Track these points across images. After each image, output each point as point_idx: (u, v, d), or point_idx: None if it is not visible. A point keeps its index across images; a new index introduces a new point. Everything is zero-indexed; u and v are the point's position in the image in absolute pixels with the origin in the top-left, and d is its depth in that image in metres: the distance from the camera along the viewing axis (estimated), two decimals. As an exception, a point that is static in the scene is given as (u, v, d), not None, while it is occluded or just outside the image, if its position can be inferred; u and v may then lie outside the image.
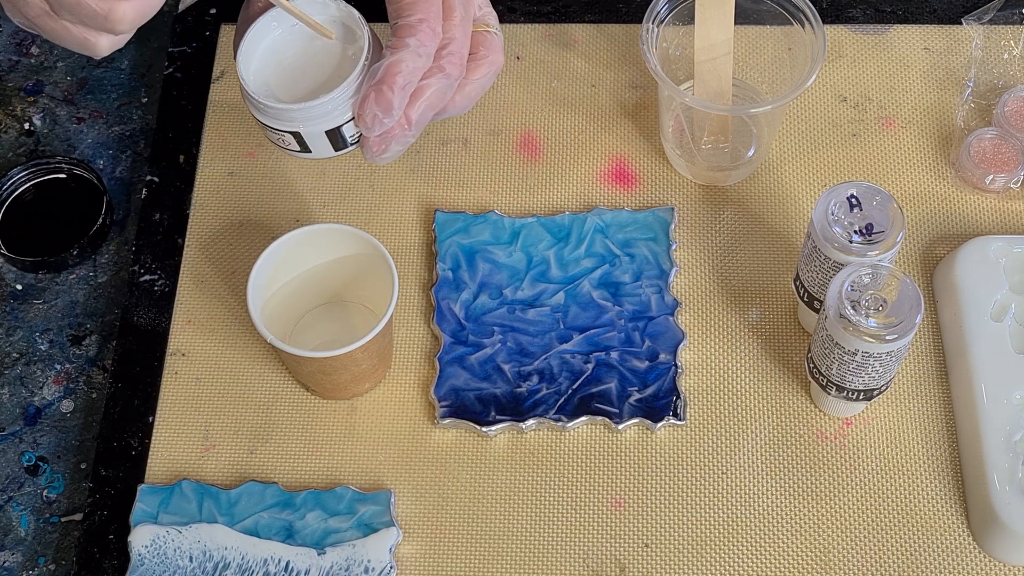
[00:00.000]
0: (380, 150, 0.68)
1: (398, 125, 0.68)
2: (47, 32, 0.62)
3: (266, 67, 0.69)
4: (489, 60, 0.71)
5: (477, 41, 0.70)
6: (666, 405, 0.75)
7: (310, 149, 0.69)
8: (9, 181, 0.85)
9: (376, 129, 0.67)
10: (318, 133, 0.68)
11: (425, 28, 0.66)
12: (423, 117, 0.68)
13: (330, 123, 0.68)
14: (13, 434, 0.78)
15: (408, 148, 0.70)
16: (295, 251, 0.74)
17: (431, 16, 0.66)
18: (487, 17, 0.72)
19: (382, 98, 0.66)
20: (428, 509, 0.74)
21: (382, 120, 0.66)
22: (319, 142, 0.69)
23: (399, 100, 0.66)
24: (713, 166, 0.83)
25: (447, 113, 0.70)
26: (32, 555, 0.74)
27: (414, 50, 0.66)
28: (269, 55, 0.69)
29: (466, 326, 0.78)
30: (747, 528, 0.73)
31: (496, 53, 0.71)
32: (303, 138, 0.68)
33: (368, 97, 0.66)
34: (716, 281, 0.80)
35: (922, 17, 0.90)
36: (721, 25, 0.79)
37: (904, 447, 0.75)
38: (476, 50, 0.70)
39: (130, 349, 0.79)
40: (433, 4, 0.67)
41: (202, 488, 0.74)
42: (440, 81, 0.67)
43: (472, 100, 0.71)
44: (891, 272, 0.68)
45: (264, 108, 0.67)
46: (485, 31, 0.71)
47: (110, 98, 0.91)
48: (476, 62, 0.70)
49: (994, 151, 0.83)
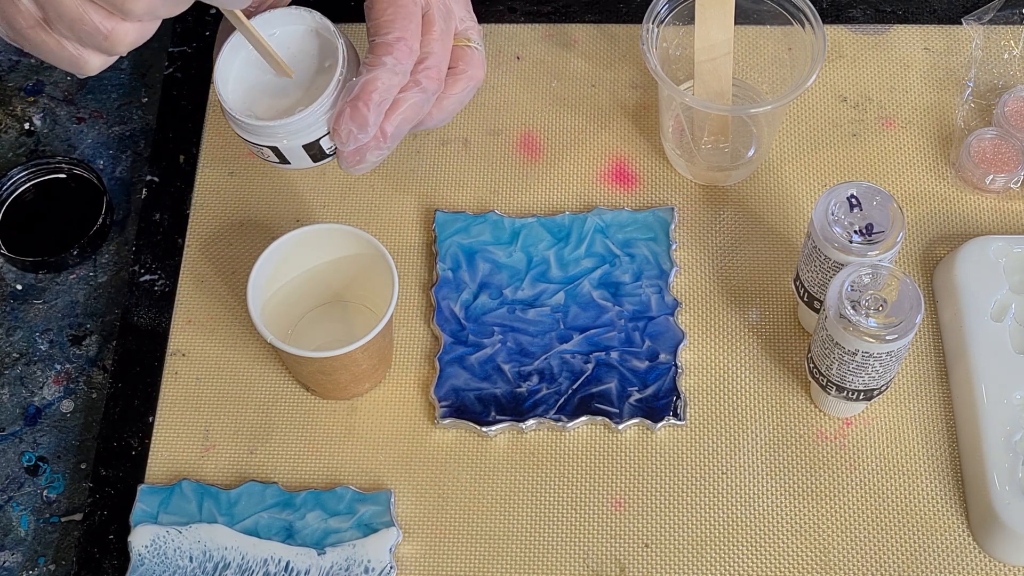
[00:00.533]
0: (355, 161, 0.69)
1: (373, 139, 0.68)
2: (35, 45, 0.59)
3: (243, 82, 0.69)
4: (468, 75, 0.71)
5: (457, 56, 0.70)
6: (666, 405, 0.75)
7: (289, 161, 0.70)
8: (9, 181, 0.85)
9: (351, 144, 0.67)
10: (296, 147, 0.68)
11: (402, 46, 0.66)
12: (399, 131, 0.68)
13: (307, 137, 0.68)
14: (13, 434, 0.78)
15: (384, 159, 0.70)
16: (295, 251, 0.74)
17: (409, 34, 0.67)
18: (469, 31, 0.72)
19: (357, 114, 0.66)
20: (428, 509, 0.74)
21: (356, 136, 0.67)
22: (297, 154, 0.69)
23: (374, 117, 0.66)
24: (713, 166, 0.83)
25: (424, 126, 0.71)
26: (32, 555, 0.74)
27: (390, 68, 0.66)
28: (245, 69, 0.69)
29: (466, 326, 0.78)
30: (747, 528, 0.73)
31: (476, 68, 0.71)
32: (281, 151, 0.69)
33: (343, 113, 0.66)
34: (716, 281, 0.80)
35: (922, 17, 0.90)
36: (721, 25, 0.79)
37: (904, 447, 0.75)
38: (455, 64, 0.70)
39: (130, 349, 0.79)
40: (412, 21, 0.67)
41: (202, 488, 0.74)
42: (416, 95, 0.68)
43: (450, 114, 0.71)
44: (891, 272, 0.68)
45: (243, 124, 0.68)
46: (466, 45, 0.71)
47: (110, 98, 0.91)
48: (455, 76, 0.70)
49: (994, 151, 0.83)
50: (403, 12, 0.67)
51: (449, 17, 0.70)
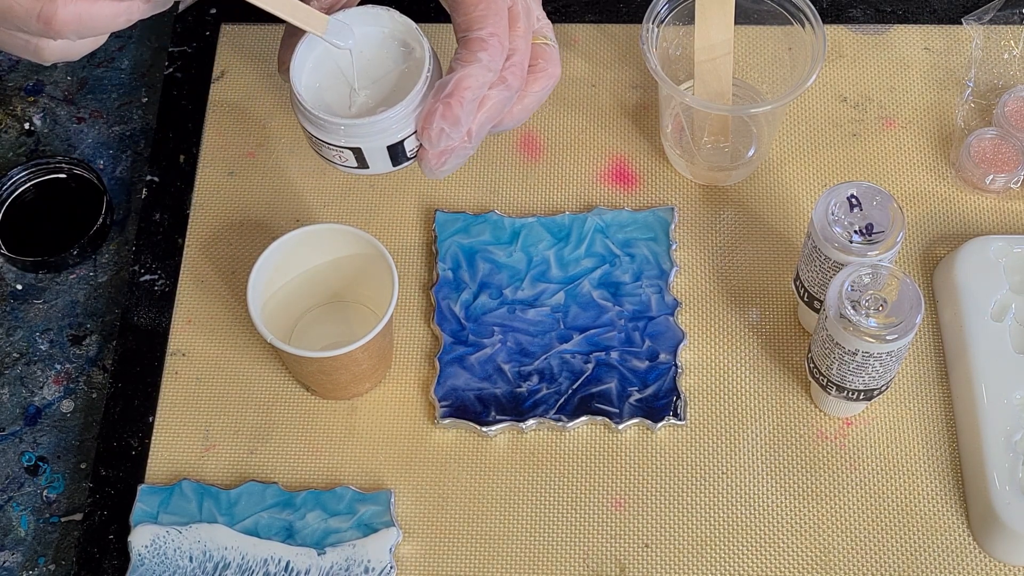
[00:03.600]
0: (439, 163, 0.67)
1: (459, 138, 0.66)
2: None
3: (316, 83, 0.67)
4: (548, 73, 0.69)
5: (536, 53, 0.69)
6: (666, 405, 0.75)
7: (368, 165, 0.67)
8: (9, 181, 0.85)
9: (441, 143, 0.65)
10: (380, 148, 0.66)
11: (495, 43, 0.65)
12: (482, 129, 0.66)
13: (393, 137, 0.65)
14: (13, 434, 0.78)
15: (466, 161, 0.68)
16: (295, 251, 0.74)
17: (501, 30, 0.65)
18: (544, 29, 0.70)
19: (450, 112, 0.64)
20: (428, 509, 0.74)
21: (448, 134, 0.65)
22: (379, 157, 0.66)
23: (466, 115, 0.64)
24: (713, 166, 0.83)
25: (503, 126, 0.69)
26: (32, 555, 0.74)
27: (485, 65, 0.64)
28: (317, 70, 0.67)
29: (466, 326, 0.78)
30: (747, 528, 0.73)
31: (554, 65, 0.70)
32: (363, 154, 0.66)
33: (435, 111, 0.64)
34: (716, 281, 0.80)
35: (922, 17, 0.90)
36: (721, 25, 0.79)
37: (904, 447, 0.75)
38: (535, 61, 0.69)
39: (130, 349, 0.79)
40: (503, 17, 0.65)
41: (202, 488, 0.74)
42: (501, 93, 0.66)
43: (529, 112, 0.70)
44: (891, 272, 0.68)
45: (324, 124, 0.65)
46: (544, 43, 0.69)
47: (110, 98, 0.91)
48: (535, 74, 0.69)
49: (994, 151, 0.83)
50: (494, 7, 0.65)
51: (530, 14, 0.68)
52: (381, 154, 0.66)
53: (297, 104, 0.66)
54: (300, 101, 0.65)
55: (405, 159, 0.67)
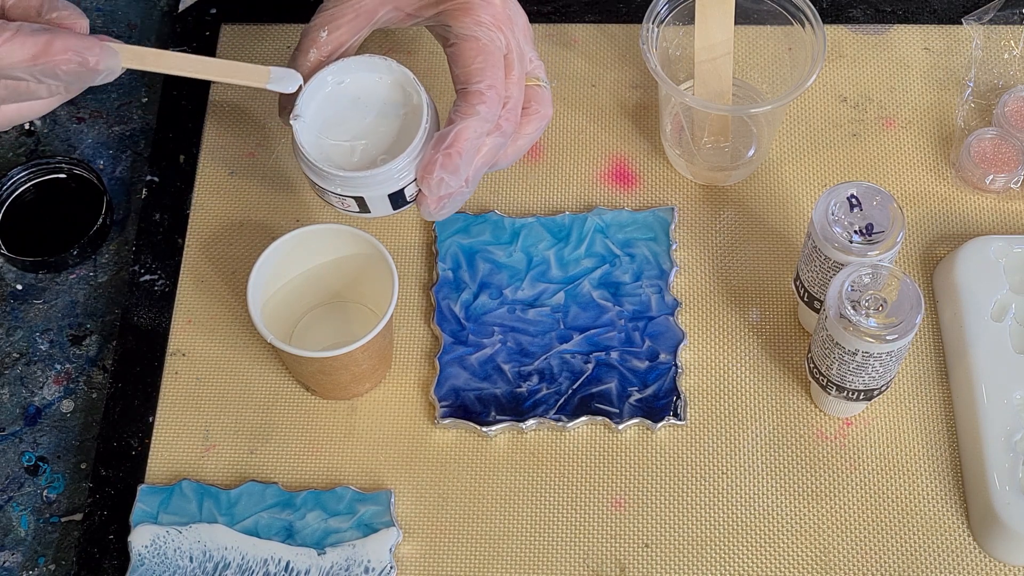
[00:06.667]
0: (438, 208, 0.69)
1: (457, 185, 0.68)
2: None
3: (316, 133, 0.69)
4: (540, 114, 0.71)
5: (529, 95, 0.71)
6: (666, 405, 0.75)
7: (370, 210, 0.69)
8: (9, 181, 0.85)
9: (441, 191, 0.68)
10: (381, 196, 0.68)
11: (493, 95, 0.67)
12: (478, 173, 0.69)
13: (394, 186, 0.68)
14: (13, 434, 0.78)
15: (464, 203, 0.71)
16: (295, 251, 0.74)
17: (499, 82, 0.67)
18: (537, 70, 0.72)
19: (450, 163, 0.66)
20: (428, 509, 0.74)
21: (448, 183, 0.67)
22: (380, 203, 0.69)
23: (465, 165, 0.67)
24: (713, 166, 0.83)
25: (497, 167, 0.71)
26: (32, 555, 0.74)
27: (483, 117, 0.66)
28: (315, 122, 0.69)
29: (466, 326, 0.78)
30: (747, 528, 0.73)
31: (546, 107, 0.72)
32: (365, 201, 0.69)
33: (436, 162, 0.66)
34: (716, 281, 0.80)
35: (922, 17, 0.90)
36: (721, 25, 0.79)
37: (904, 447, 0.75)
38: (528, 104, 0.71)
39: (130, 349, 0.79)
40: (499, 68, 0.68)
41: (202, 488, 0.74)
42: (497, 139, 0.68)
43: (522, 153, 0.72)
44: (891, 272, 0.68)
45: (329, 176, 0.67)
46: (536, 85, 0.71)
47: (110, 98, 0.91)
48: (528, 116, 0.71)
49: (994, 151, 0.83)
50: (491, 60, 0.67)
51: (523, 59, 0.70)
52: (382, 201, 0.69)
53: (301, 155, 0.68)
54: (305, 154, 0.67)
55: (405, 203, 0.69)
